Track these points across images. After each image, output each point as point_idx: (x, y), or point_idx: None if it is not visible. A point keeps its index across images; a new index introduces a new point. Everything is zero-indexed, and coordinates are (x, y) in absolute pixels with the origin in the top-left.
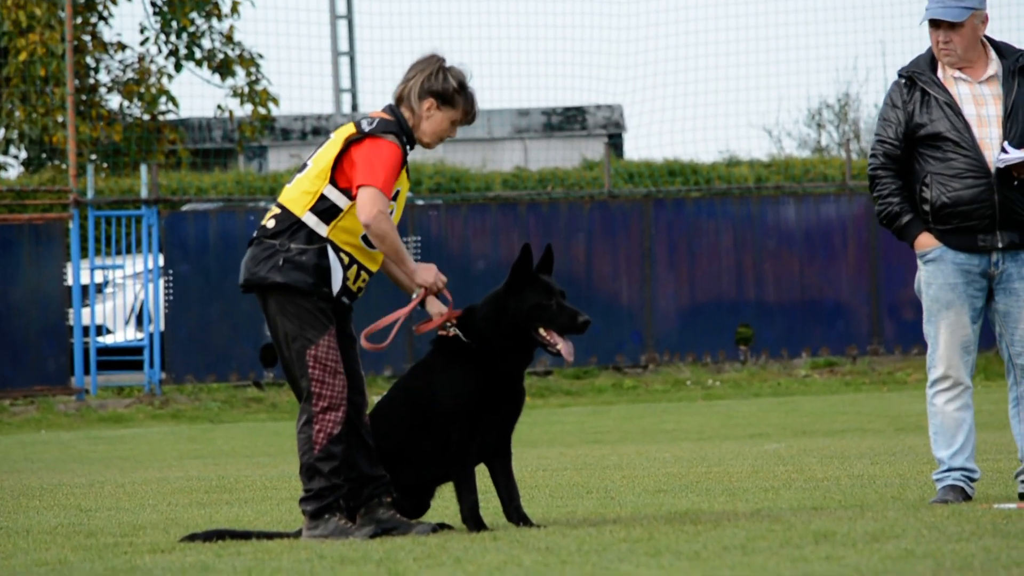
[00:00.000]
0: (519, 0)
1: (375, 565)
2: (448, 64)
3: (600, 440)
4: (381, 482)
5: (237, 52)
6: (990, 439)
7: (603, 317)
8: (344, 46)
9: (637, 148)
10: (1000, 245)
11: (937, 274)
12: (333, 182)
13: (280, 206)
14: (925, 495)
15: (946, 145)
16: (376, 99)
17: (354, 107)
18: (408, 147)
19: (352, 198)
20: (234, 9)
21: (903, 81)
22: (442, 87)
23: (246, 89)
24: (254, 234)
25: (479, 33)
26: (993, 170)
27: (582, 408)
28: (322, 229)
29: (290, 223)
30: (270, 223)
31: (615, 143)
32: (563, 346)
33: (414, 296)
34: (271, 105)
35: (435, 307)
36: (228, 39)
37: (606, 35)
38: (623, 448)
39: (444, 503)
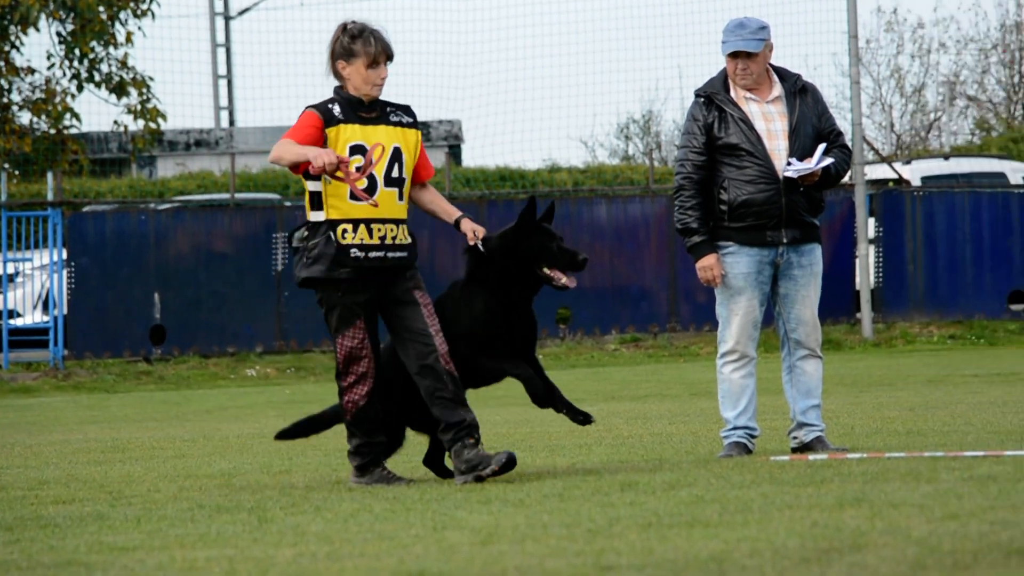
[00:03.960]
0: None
1: (247, 512)
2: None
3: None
4: (462, 426)
5: (131, 75)
6: (768, 402)
7: None
8: (223, 70)
9: (473, 157)
10: (785, 240)
11: (733, 265)
12: (307, 176)
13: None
14: (714, 450)
15: (741, 155)
16: (250, 116)
17: (231, 122)
18: (340, 110)
19: (318, 177)
20: (128, 39)
21: (702, 100)
22: (339, 47)
23: (139, 107)
24: None
25: None
26: (781, 177)
27: None
28: (321, 215)
29: (308, 227)
30: (303, 232)
31: (455, 152)
32: (566, 279)
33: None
34: (160, 120)
35: (469, 225)
36: (123, 64)
37: (447, 59)
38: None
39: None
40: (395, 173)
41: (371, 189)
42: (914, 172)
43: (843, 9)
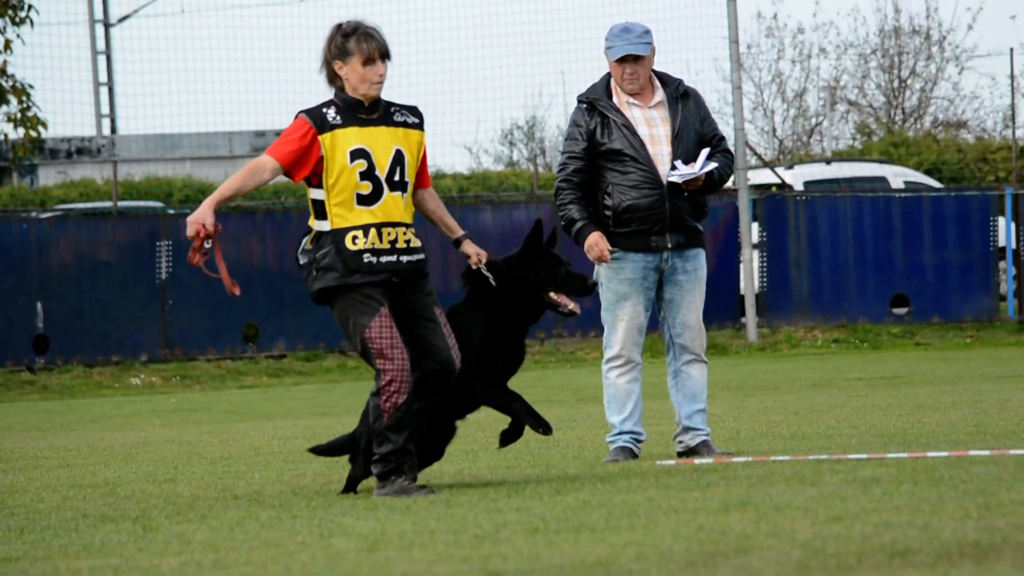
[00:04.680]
0: (261, 29)
1: (132, 522)
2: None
3: (327, 413)
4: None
5: (10, 83)
6: (654, 407)
7: (329, 309)
8: (104, 78)
9: None
10: (670, 245)
11: (619, 271)
12: (309, 183)
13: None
14: (600, 455)
15: (625, 160)
16: (132, 123)
17: (113, 130)
18: (335, 115)
19: (319, 185)
20: (7, 46)
21: (584, 106)
22: (334, 47)
23: (19, 115)
24: None
25: (221, 66)
26: (665, 182)
27: (312, 386)
28: (326, 224)
29: (313, 237)
30: (308, 244)
31: None
32: (573, 305)
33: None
34: (41, 129)
35: (472, 248)
36: (2, 72)
37: None
38: (347, 419)
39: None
40: (397, 176)
41: (378, 192)
42: (797, 177)
43: (724, 15)
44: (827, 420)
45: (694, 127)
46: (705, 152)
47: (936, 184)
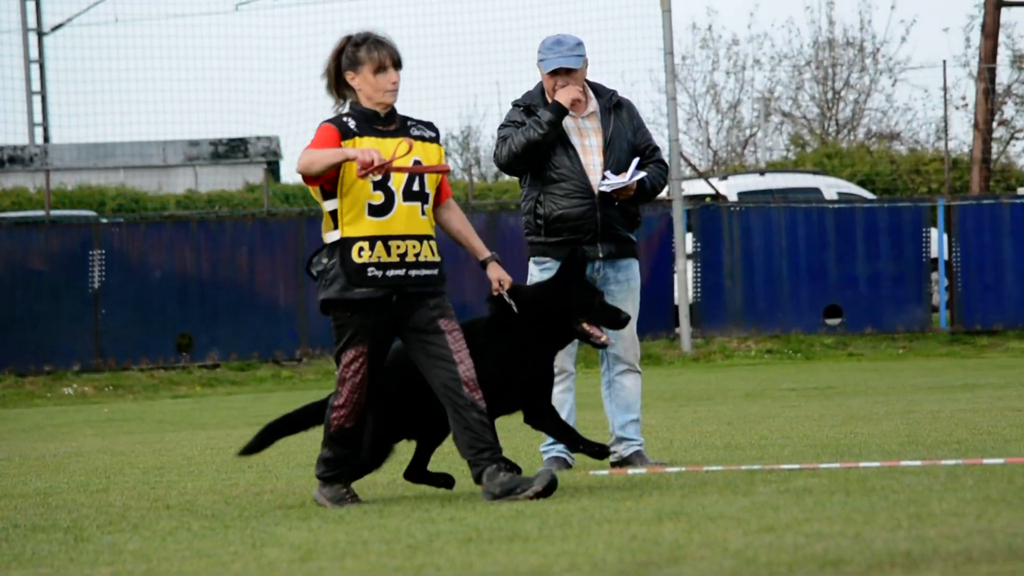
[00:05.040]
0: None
1: (63, 532)
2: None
3: (261, 423)
4: (488, 451)
5: None
6: (588, 417)
7: (264, 318)
8: (37, 86)
9: (292, 173)
10: (601, 255)
11: None
12: (324, 194)
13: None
14: (534, 465)
15: (558, 169)
16: (65, 132)
17: (46, 139)
18: (354, 124)
19: (334, 194)
20: None
21: (520, 108)
22: (345, 58)
23: None
24: None
25: (155, 75)
26: (596, 192)
27: (245, 396)
28: (336, 235)
29: (326, 250)
30: (322, 257)
31: (273, 169)
32: (605, 337)
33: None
34: None
35: (496, 272)
36: None
37: (266, 75)
38: None
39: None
40: (415, 187)
41: (390, 203)
42: (730, 188)
43: (659, 26)
44: (760, 430)
45: (627, 138)
46: (636, 161)
47: (869, 195)
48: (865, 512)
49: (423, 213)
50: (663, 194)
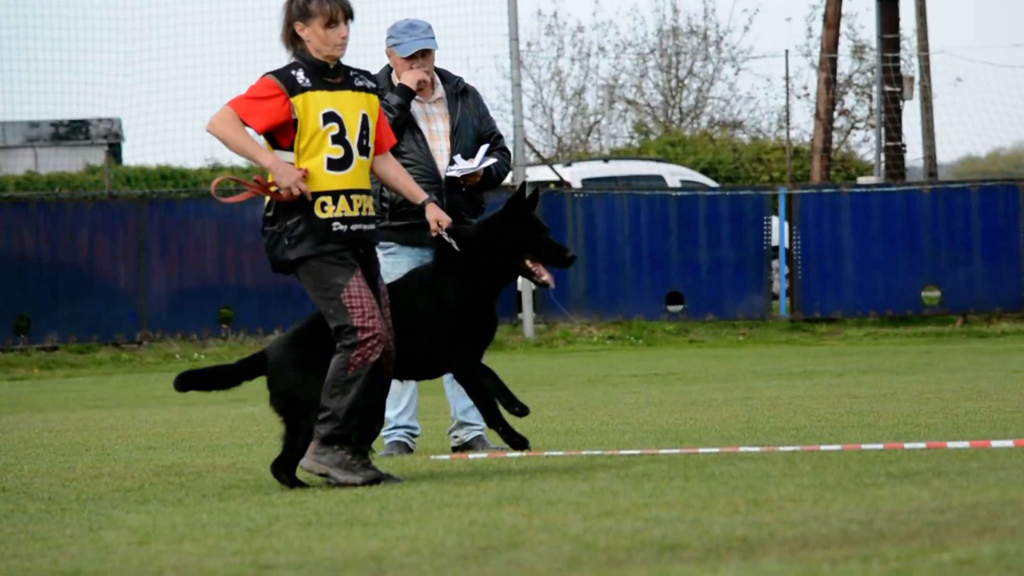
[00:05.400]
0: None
1: None
2: None
3: (100, 406)
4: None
5: None
6: (429, 402)
7: (103, 301)
8: None
9: (134, 156)
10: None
11: (396, 265)
12: (275, 146)
13: None
14: (375, 449)
15: (405, 154)
16: None
17: None
18: (304, 76)
19: (290, 148)
20: None
21: None
22: (295, 8)
23: None
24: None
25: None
26: (443, 177)
27: (84, 379)
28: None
29: (276, 204)
30: (268, 212)
31: (115, 151)
32: (548, 276)
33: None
34: None
35: (433, 213)
36: None
37: (106, 56)
38: (119, 412)
39: None
40: (365, 141)
41: (349, 158)
42: (575, 174)
43: (504, 12)
44: (601, 416)
45: (472, 124)
46: (484, 148)
47: (712, 183)
48: (703, 497)
49: (369, 167)
50: (507, 180)
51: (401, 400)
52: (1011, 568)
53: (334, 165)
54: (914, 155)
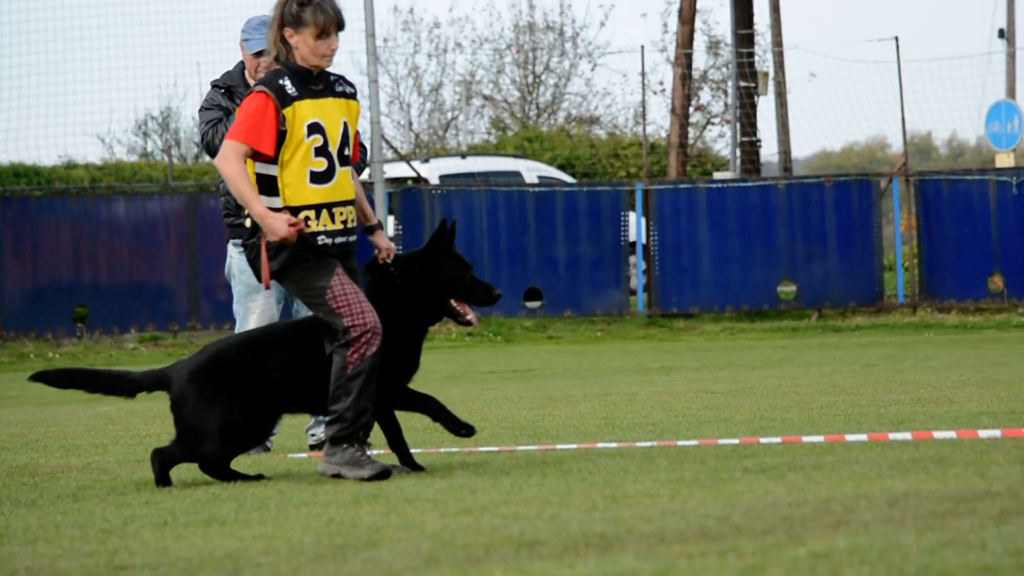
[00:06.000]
0: None
1: None
2: None
3: None
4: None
5: None
6: None
7: None
8: None
9: None
10: None
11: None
12: (255, 157)
13: None
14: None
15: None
16: None
17: None
18: (291, 86)
19: (274, 160)
20: None
21: (222, 91)
22: (288, 13)
23: None
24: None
25: None
26: None
27: None
28: (277, 201)
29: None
30: (247, 223)
31: None
32: (472, 316)
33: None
34: None
35: (384, 241)
36: None
37: None
38: None
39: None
40: (347, 151)
41: (332, 170)
42: (432, 170)
43: (360, 7)
44: (460, 413)
45: None
46: None
47: (569, 179)
48: (562, 494)
49: (349, 176)
50: (364, 176)
51: None
52: (865, 562)
53: (316, 178)
54: (769, 150)
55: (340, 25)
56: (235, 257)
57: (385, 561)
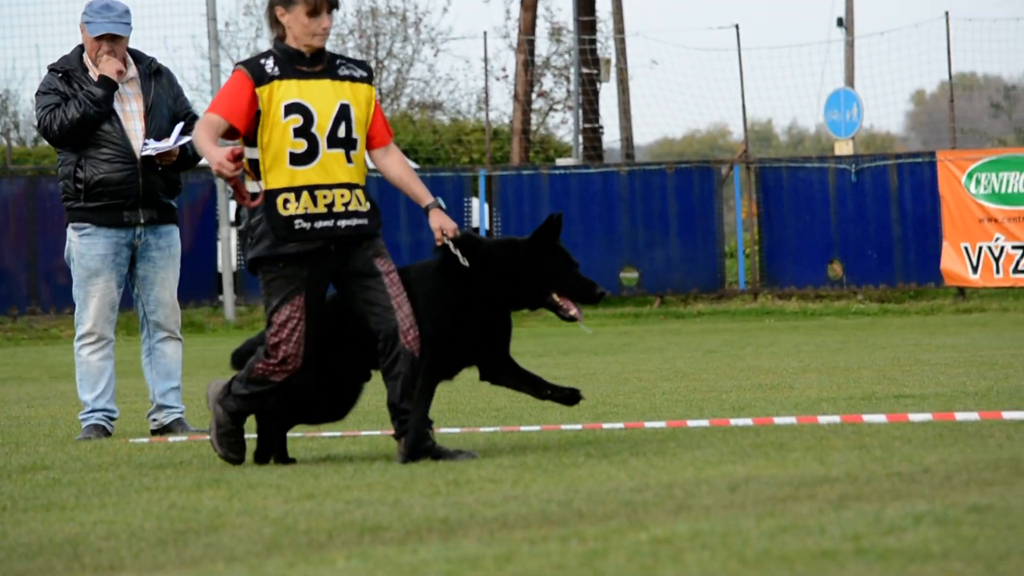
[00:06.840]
0: None
1: None
2: None
3: None
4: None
5: None
6: (128, 384)
7: None
8: None
9: None
10: (142, 221)
11: (90, 246)
12: (245, 140)
13: None
14: (72, 433)
15: (98, 134)
16: None
17: None
18: (273, 66)
19: (253, 143)
20: None
21: (59, 75)
22: None
23: None
24: None
25: None
26: (139, 157)
27: None
28: (259, 186)
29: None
30: (242, 225)
31: None
32: (576, 311)
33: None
34: None
35: (437, 220)
36: None
37: None
38: None
39: None
40: (341, 133)
41: (313, 151)
42: None
43: None
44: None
45: (167, 104)
46: (179, 127)
47: (413, 165)
48: (404, 479)
49: (350, 160)
50: (204, 161)
51: (98, 383)
52: (706, 546)
53: (296, 160)
54: (611, 137)
55: (333, 3)
56: (75, 241)
57: (227, 546)
